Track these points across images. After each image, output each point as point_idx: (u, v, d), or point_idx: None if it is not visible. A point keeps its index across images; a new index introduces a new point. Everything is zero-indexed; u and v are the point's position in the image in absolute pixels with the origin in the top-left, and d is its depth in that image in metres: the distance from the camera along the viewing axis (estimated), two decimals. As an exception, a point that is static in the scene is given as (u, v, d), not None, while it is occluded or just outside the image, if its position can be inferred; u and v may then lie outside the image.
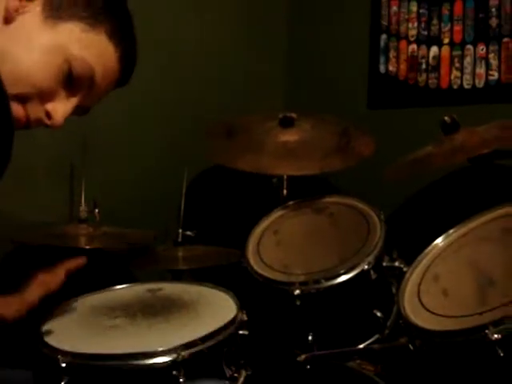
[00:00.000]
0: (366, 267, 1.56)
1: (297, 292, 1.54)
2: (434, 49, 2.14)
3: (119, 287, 1.59)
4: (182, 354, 1.21)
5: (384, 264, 1.60)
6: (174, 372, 1.20)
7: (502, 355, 1.09)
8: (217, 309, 1.41)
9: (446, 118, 1.66)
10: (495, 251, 1.34)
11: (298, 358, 1.49)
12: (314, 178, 2.05)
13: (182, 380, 1.20)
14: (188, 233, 1.94)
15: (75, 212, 1.88)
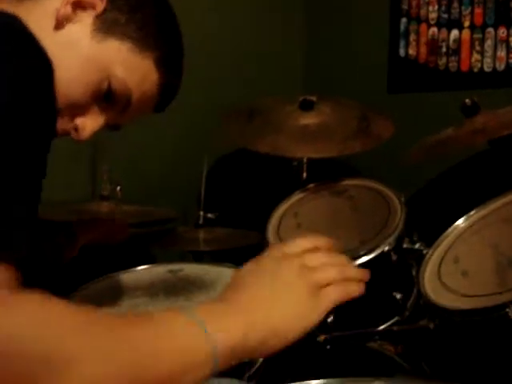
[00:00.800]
0: (386, 249, 1.56)
1: (317, 273, 1.54)
2: (455, 32, 2.13)
3: (140, 268, 1.60)
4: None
5: (404, 246, 1.60)
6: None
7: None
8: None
9: (467, 100, 1.65)
10: (516, 232, 1.34)
11: (317, 339, 1.49)
12: (333, 161, 2.05)
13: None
14: (209, 215, 1.96)
15: (97, 191, 1.91)
